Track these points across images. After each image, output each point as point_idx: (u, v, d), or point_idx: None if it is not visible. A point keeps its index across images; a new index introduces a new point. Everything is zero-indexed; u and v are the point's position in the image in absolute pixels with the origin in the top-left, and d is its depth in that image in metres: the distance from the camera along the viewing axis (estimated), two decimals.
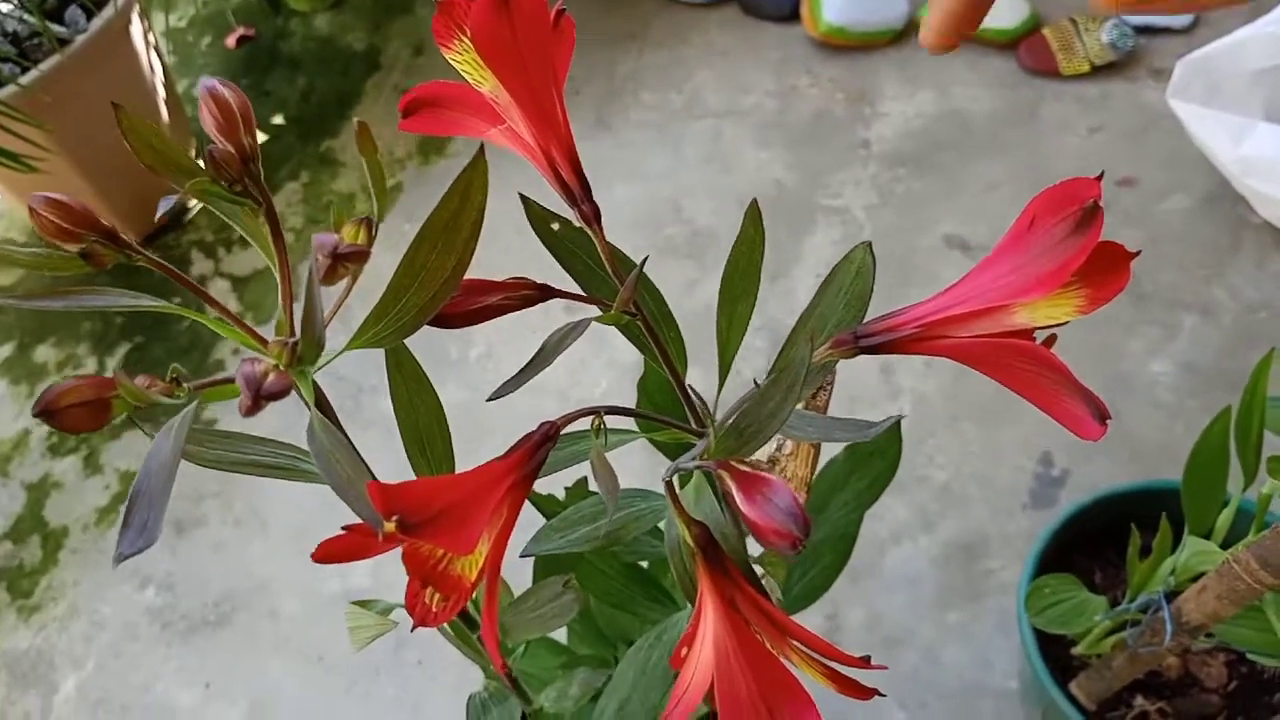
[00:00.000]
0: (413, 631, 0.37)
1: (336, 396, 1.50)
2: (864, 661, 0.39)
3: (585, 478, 0.69)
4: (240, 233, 0.37)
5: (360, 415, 1.47)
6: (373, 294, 0.36)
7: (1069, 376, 0.35)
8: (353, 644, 0.52)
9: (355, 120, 0.32)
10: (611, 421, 0.45)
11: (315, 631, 1.32)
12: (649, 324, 0.42)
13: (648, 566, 0.71)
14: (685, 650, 0.40)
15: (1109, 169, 0.36)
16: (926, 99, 1.69)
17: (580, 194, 0.40)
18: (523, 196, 0.42)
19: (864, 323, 0.39)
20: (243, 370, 0.29)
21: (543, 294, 0.39)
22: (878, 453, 0.57)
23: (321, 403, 0.38)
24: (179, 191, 0.32)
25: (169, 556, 1.41)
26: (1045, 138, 1.63)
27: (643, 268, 0.40)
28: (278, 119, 1.90)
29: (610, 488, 0.36)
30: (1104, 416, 0.35)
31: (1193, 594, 0.68)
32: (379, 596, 1.32)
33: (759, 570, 0.59)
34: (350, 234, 0.33)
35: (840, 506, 0.59)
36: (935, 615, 1.22)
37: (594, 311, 0.42)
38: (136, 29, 1.60)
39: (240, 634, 1.33)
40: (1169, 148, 1.57)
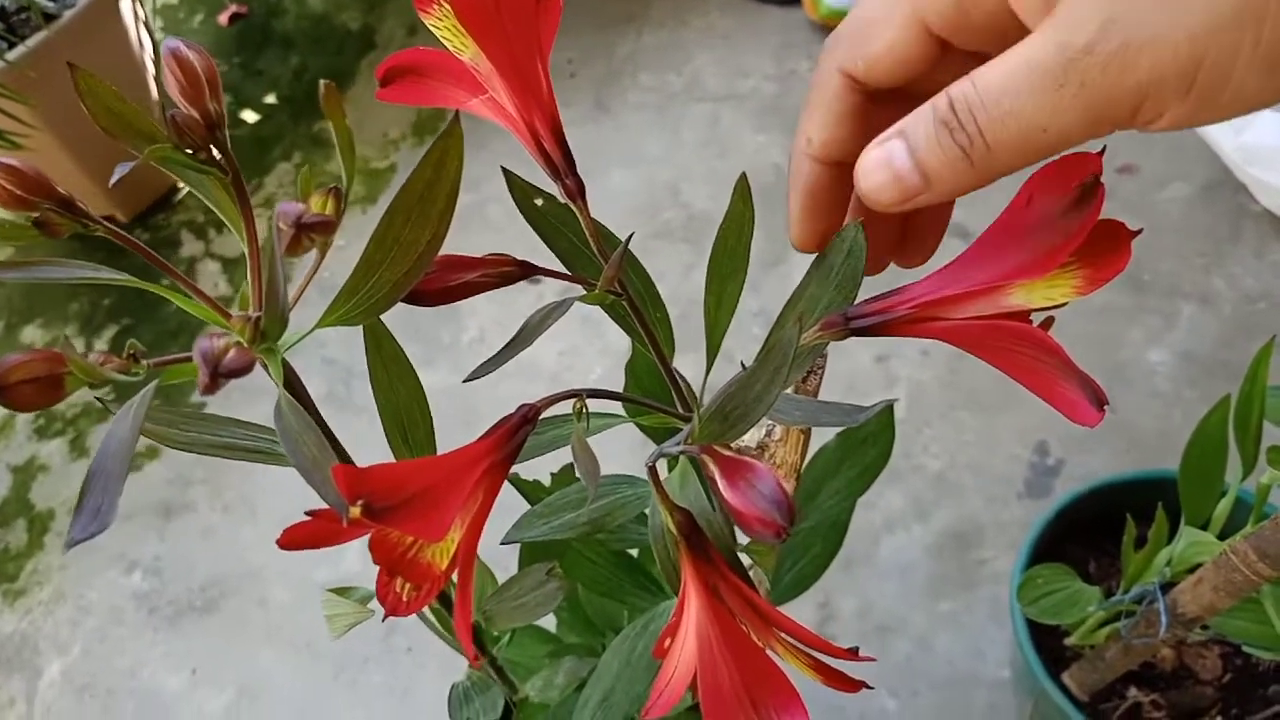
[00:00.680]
0: (384, 620, 0.35)
1: (327, 381, 1.49)
2: (851, 653, 0.38)
3: (572, 464, 0.68)
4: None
5: (352, 401, 1.46)
6: None
7: (1066, 360, 0.34)
8: (330, 632, 0.51)
9: (322, 82, 0.31)
10: (597, 406, 0.44)
11: (304, 618, 1.31)
12: (635, 304, 0.41)
13: (637, 555, 0.70)
14: (668, 641, 0.38)
15: (1109, 156, 0.36)
16: None
17: (564, 168, 0.39)
18: (505, 170, 0.41)
19: (855, 304, 0.37)
20: (200, 346, 0.27)
21: (523, 271, 0.38)
22: (870, 439, 0.56)
23: (293, 383, 0.36)
24: (137, 157, 0.31)
25: (156, 541, 1.39)
26: None
27: (628, 245, 0.39)
28: (270, 98, 1.88)
29: (590, 471, 0.35)
30: (1101, 402, 0.33)
31: (1189, 585, 0.67)
32: (370, 583, 1.32)
33: (747, 561, 0.58)
34: (318, 204, 0.32)
35: (832, 494, 0.57)
36: (928, 604, 1.21)
37: (579, 291, 0.40)
38: (126, 5, 1.58)
39: (228, 620, 1.32)
40: (1169, 135, 1.55)
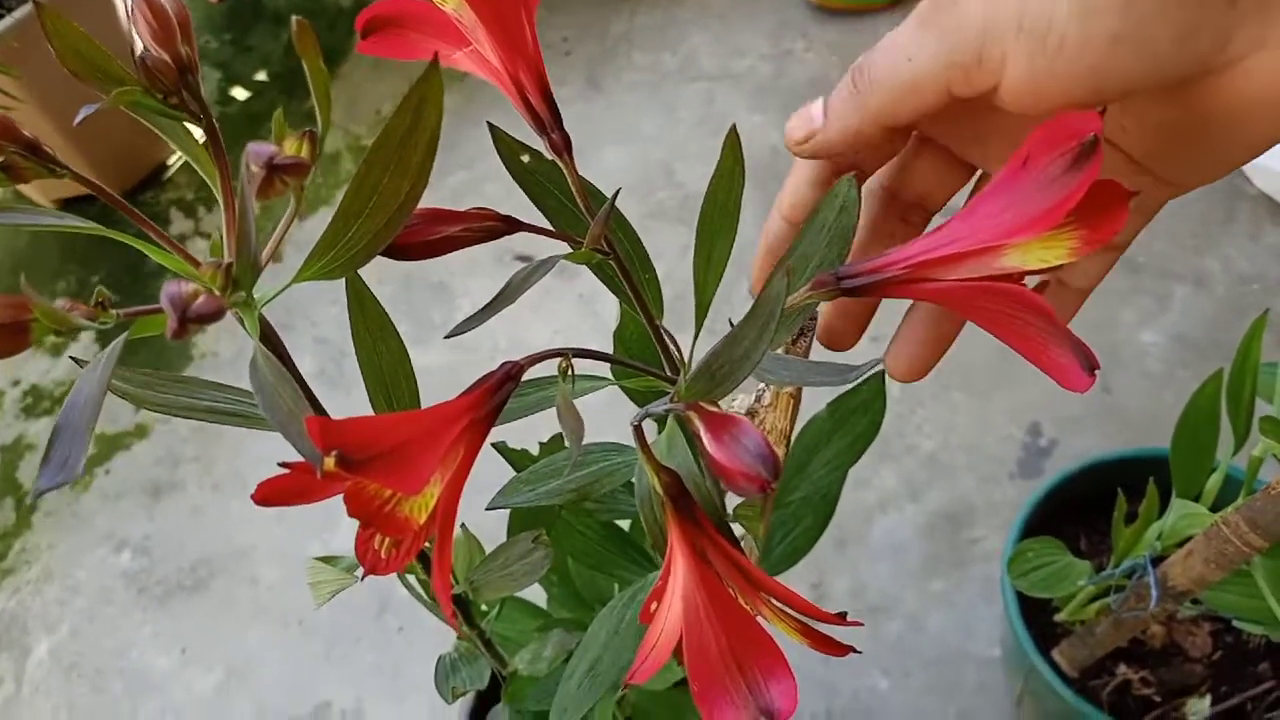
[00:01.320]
0: (362, 580, 0.35)
1: (318, 359, 1.48)
2: (839, 618, 0.37)
3: (563, 449, 0.67)
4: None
5: (343, 379, 1.45)
6: None
7: (1057, 324, 0.33)
8: (314, 599, 0.50)
9: (294, 18, 0.30)
10: (586, 370, 0.43)
11: (295, 596, 1.30)
12: (622, 264, 0.40)
13: (628, 529, 0.69)
14: (654, 605, 0.37)
15: None
16: None
17: (550, 121, 0.38)
18: (491, 126, 0.40)
19: (847, 263, 0.37)
20: (168, 290, 0.26)
21: (507, 226, 0.37)
22: (861, 408, 0.55)
23: (270, 338, 0.36)
24: (101, 100, 0.30)
25: (146, 520, 1.38)
26: None
27: (614, 202, 0.38)
28: (261, 75, 1.87)
29: (574, 429, 0.34)
30: (1092, 366, 0.33)
31: (1179, 558, 0.67)
32: None
33: (739, 531, 0.57)
34: (292, 147, 0.31)
35: (823, 465, 0.57)
36: (920, 584, 1.21)
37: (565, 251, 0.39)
38: None
39: (218, 599, 1.31)
40: None
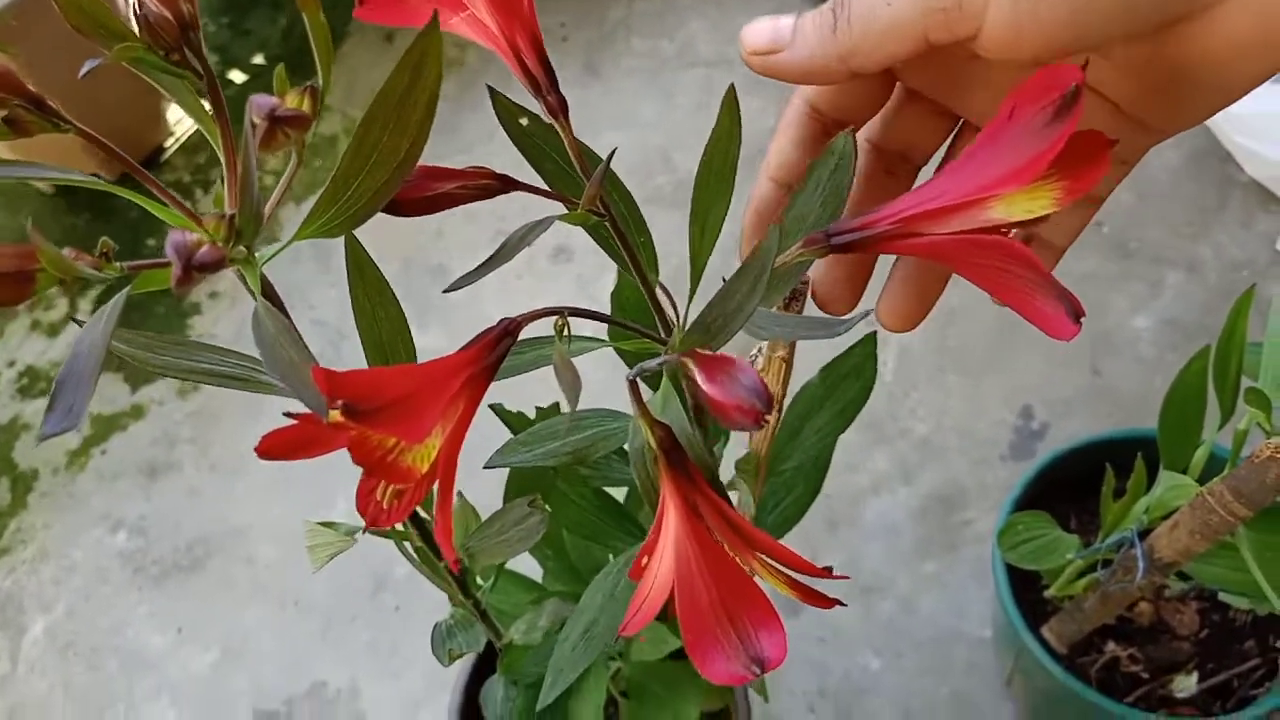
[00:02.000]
0: (364, 532, 0.35)
1: (317, 342, 1.48)
2: (825, 571, 0.38)
3: (559, 402, 0.68)
4: (218, 173, 0.35)
5: (340, 362, 1.46)
6: None
7: (1043, 274, 0.34)
8: (311, 563, 0.51)
9: None
10: (581, 331, 0.44)
11: (291, 576, 1.31)
12: (617, 225, 0.40)
13: (623, 501, 0.70)
14: (646, 559, 0.38)
15: None
16: None
17: (546, 84, 0.38)
18: (490, 89, 0.41)
19: (837, 222, 0.37)
20: (172, 239, 0.27)
21: (503, 185, 0.38)
22: (852, 373, 0.56)
23: (270, 295, 0.36)
24: (103, 56, 0.30)
25: (142, 500, 1.39)
26: None
27: (609, 162, 0.38)
28: (258, 59, 1.87)
29: (572, 385, 0.34)
30: (1078, 315, 0.33)
31: (1165, 530, 0.67)
32: (358, 540, 1.31)
33: (732, 496, 0.58)
34: (294, 100, 0.31)
35: (814, 432, 0.57)
36: (912, 565, 1.22)
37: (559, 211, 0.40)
38: None
39: (214, 578, 1.32)
40: None
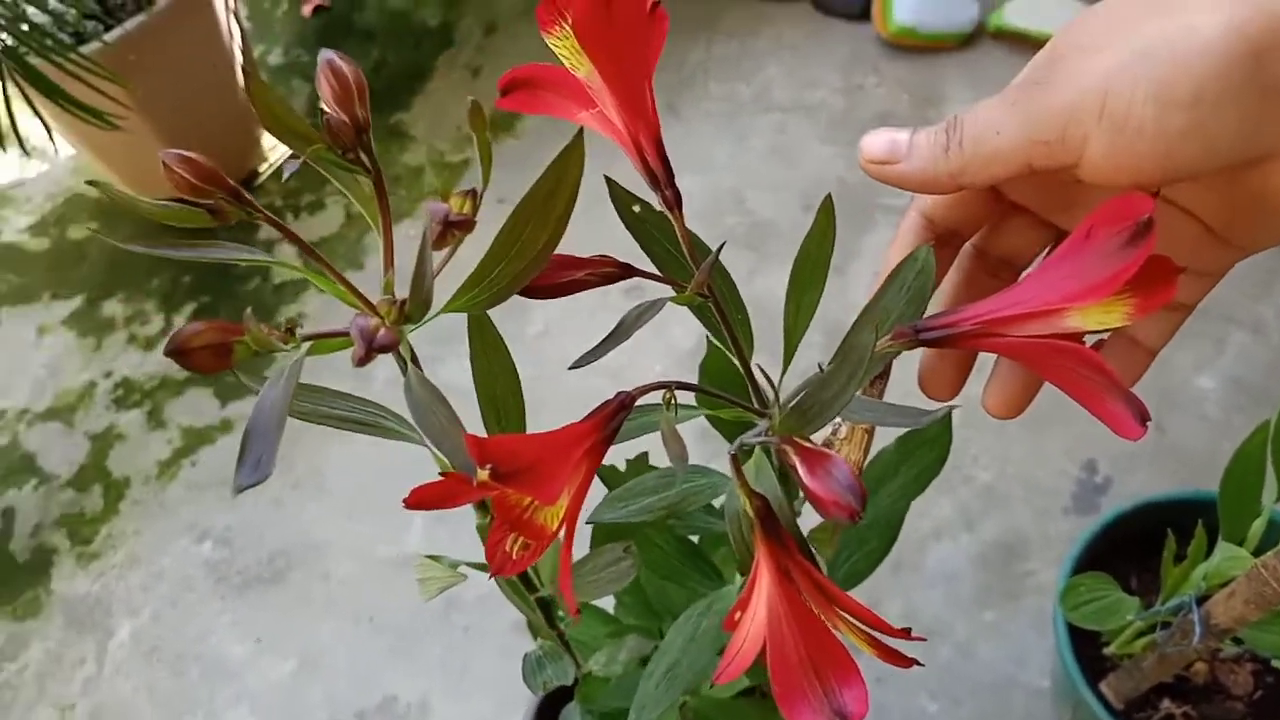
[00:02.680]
0: (490, 579, 0.39)
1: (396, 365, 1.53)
2: (905, 633, 0.41)
3: (646, 452, 0.72)
4: (307, 199, 0.40)
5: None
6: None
7: (1113, 379, 0.37)
8: (422, 594, 0.55)
9: (470, 99, 0.35)
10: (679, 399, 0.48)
11: (367, 593, 1.36)
12: (720, 306, 0.44)
13: (699, 542, 0.74)
14: (739, 615, 0.42)
15: None
16: None
17: (664, 179, 0.43)
18: (608, 179, 0.45)
19: (924, 318, 0.41)
20: (357, 323, 0.32)
21: (624, 272, 0.42)
22: (928, 444, 0.59)
23: (414, 361, 0.41)
24: (300, 155, 0.35)
25: (227, 512, 1.45)
26: None
27: (719, 254, 0.42)
28: None
29: (679, 455, 0.38)
30: (1144, 419, 0.37)
31: (1222, 598, 0.70)
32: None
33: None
34: (457, 204, 0.36)
35: (889, 495, 0.61)
36: (972, 612, 1.24)
37: (667, 292, 0.44)
38: None
39: (293, 591, 1.37)
40: None
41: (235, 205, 0.35)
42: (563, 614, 0.72)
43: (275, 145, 1.82)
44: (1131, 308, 0.37)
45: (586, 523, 0.50)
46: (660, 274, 0.45)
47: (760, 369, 0.45)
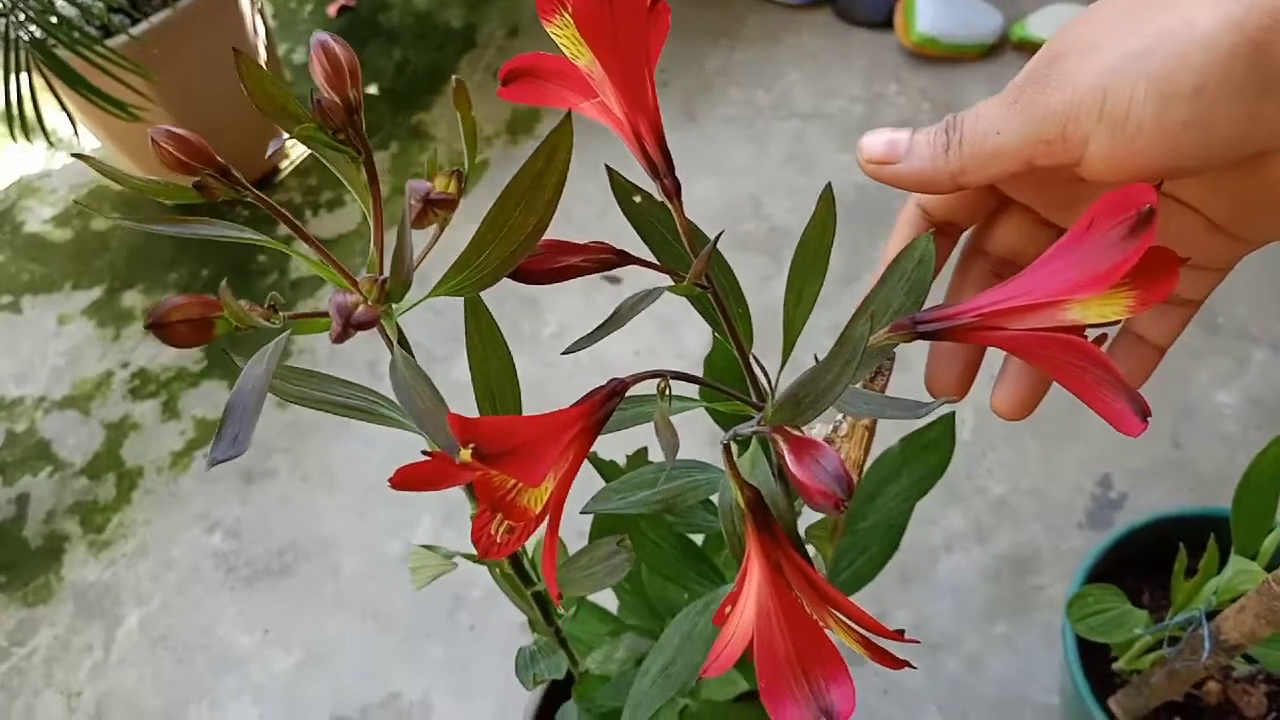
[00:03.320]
0: (478, 562, 0.39)
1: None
2: (898, 634, 0.41)
3: (646, 447, 0.71)
4: (327, 197, 0.40)
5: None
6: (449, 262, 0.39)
7: (1114, 373, 0.37)
8: (414, 583, 0.55)
9: (453, 78, 0.35)
10: (677, 391, 0.47)
11: (374, 589, 1.36)
12: (719, 298, 0.44)
13: (701, 544, 0.73)
14: (729, 608, 0.41)
15: None
16: None
17: (664, 169, 0.42)
18: (609, 168, 0.45)
19: (923, 310, 0.41)
20: (334, 300, 0.31)
21: (620, 259, 0.41)
22: (932, 446, 0.58)
23: (402, 342, 0.40)
24: (287, 135, 0.35)
25: (238, 505, 1.45)
26: None
27: (717, 242, 0.42)
28: (372, 89, 1.95)
29: (670, 444, 0.38)
30: (1145, 414, 0.36)
31: (1232, 612, 0.69)
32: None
33: (811, 551, 0.61)
34: (442, 184, 0.36)
35: (892, 497, 0.60)
36: (982, 625, 1.23)
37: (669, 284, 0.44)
38: None
39: (301, 585, 1.37)
40: None
41: (222, 183, 0.35)
42: (561, 611, 0.72)
43: (296, 144, 1.83)
44: (1133, 300, 0.36)
45: (581, 512, 0.50)
46: (659, 263, 0.44)
47: (759, 363, 0.45)
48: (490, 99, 1.87)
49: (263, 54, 1.72)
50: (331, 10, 2.11)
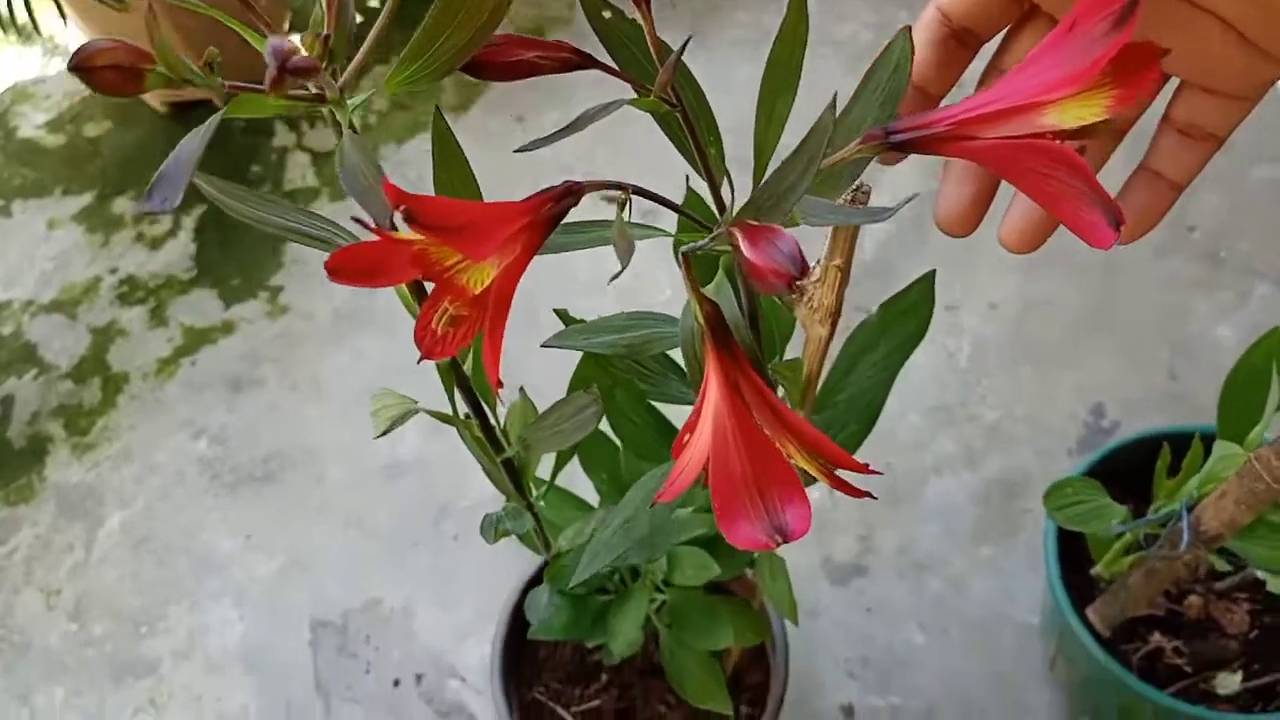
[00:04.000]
0: (419, 364, 0.37)
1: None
2: (861, 465, 0.39)
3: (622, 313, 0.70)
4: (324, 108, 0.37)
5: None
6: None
7: (1091, 181, 0.35)
8: (375, 427, 0.53)
9: None
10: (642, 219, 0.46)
11: (359, 499, 1.35)
12: (687, 116, 0.42)
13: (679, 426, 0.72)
14: (687, 437, 0.40)
15: None
16: None
17: None
18: None
19: (896, 119, 0.39)
20: (271, 44, 0.30)
21: (581, 61, 0.40)
22: (910, 311, 0.57)
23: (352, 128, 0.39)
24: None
25: (225, 412, 1.44)
26: None
27: (684, 50, 0.40)
28: None
29: (626, 250, 0.36)
30: (1118, 223, 0.34)
31: (1212, 500, 0.68)
32: (423, 472, 1.33)
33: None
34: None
35: (869, 366, 0.59)
36: (968, 548, 1.22)
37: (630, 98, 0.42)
38: None
39: (285, 492, 1.36)
40: (1273, 112, 1.53)
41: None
42: (533, 488, 0.71)
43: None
44: (1111, 99, 0.34)
45: (542, 346, 0.49)
46: (624, 73, 0.43)
47: (728, 172, 0.43)
48: None
49: None
50: None
